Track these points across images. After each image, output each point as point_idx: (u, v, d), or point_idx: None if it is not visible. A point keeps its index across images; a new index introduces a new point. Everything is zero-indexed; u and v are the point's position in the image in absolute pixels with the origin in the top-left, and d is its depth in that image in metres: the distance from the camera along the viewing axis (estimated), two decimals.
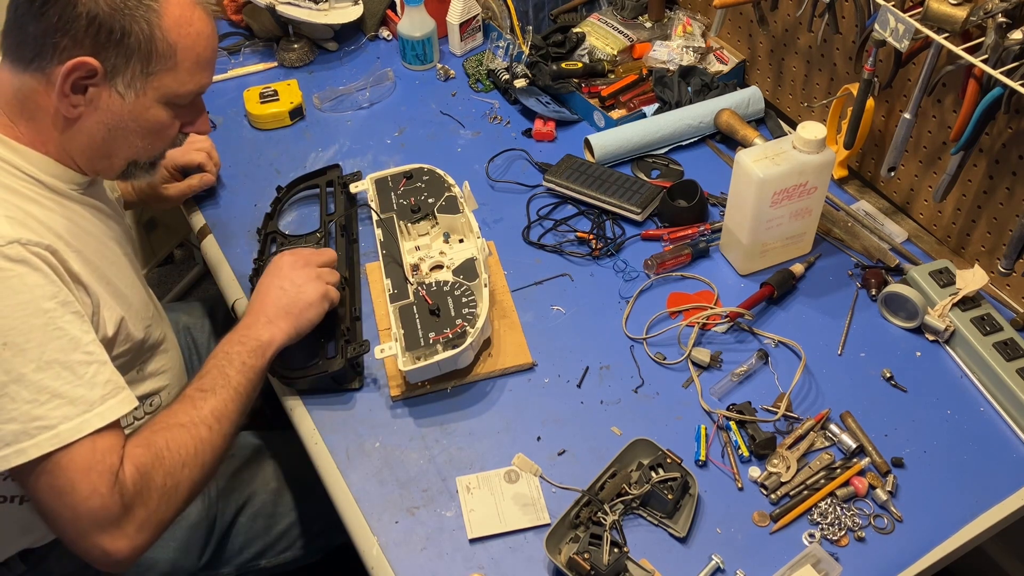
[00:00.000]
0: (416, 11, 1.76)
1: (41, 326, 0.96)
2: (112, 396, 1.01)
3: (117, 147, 1.10)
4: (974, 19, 1.10)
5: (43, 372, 0.96)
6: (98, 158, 1.11)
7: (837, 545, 1.08)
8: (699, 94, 1.66)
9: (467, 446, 1.20)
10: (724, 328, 1.32)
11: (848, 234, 1.44)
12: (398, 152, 1.65)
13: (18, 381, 0.95)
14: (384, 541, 1.10)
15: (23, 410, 0.95)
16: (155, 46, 1.03)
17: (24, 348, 0.95)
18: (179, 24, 1.04)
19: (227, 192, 1.58)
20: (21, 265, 0.96)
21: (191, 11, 1.05)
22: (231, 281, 1.43)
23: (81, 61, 0.99)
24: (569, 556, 1.03)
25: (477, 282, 1.30)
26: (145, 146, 1.12)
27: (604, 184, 1.50)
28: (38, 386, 0.96)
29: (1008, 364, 1.21)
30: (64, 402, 0.97)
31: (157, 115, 1.08)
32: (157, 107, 1.08)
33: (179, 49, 1.04)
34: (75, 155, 1.09)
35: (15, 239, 0.97)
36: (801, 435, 1.18)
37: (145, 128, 1.09)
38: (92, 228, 1.14)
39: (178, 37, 1.04)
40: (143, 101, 1.06)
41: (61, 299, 0.99)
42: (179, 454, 1.05)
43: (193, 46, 1.06)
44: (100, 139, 1.08)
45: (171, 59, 1.04)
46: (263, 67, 1.84)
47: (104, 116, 1.06)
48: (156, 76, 1.05)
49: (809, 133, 1.25)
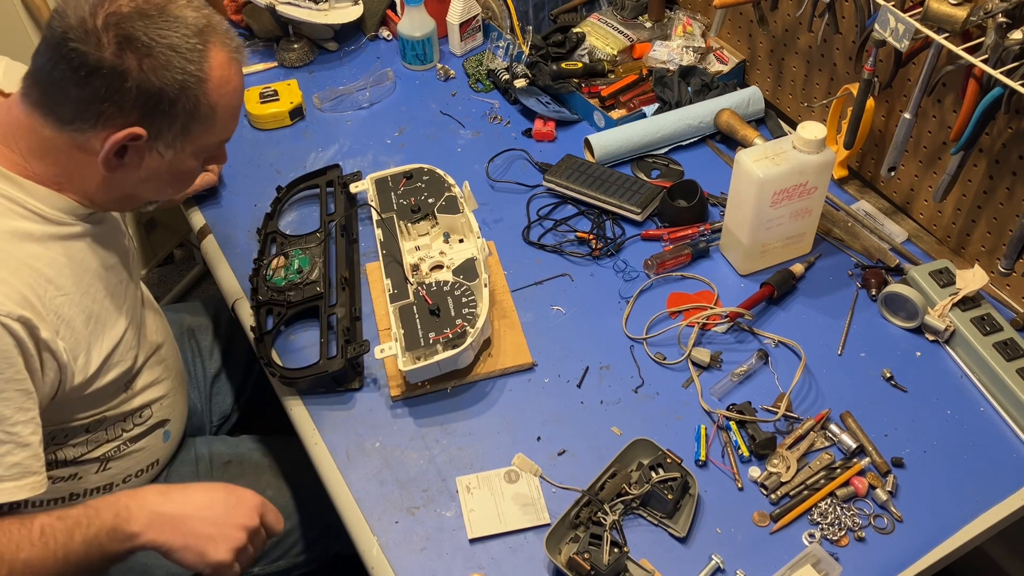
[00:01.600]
0: (416, 11, 1.76)
1: None
2: (12, 480, 0.99)
3: (147, 194, 1.13)
4: (974, 19, 1.10)
5: None
6: (121, 201, 1.13)
7: (837, 545, 1.08)
8: (699, 94, 1.66)
9: (467, 446, 1.20)
10: (724, 328, 1.32)
11: (848, 234, 1.44)
12: (398, 152, 1.65)
13: None
14: (384, 541, 1.10)
15: None
16: (199, 111, 1.04)
17: None
18: (220, 85, 1.04)
19: (227, 192, 1.58)
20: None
21: (229, 69, 1.06)
22: (231, 281, 1.43)
23: (128, 132, 1.00)
24: (569, 556, 1.03)
25: (477, 282, 1.30)
26: (174, 190, 1.16)
27: (604, 184, 1.50)
28: None
29: (1008, 364, 1.21)
30: None
31: (189, 164, 1.10)
32: (190, 158, 1.09)
33: (219, 108, 1.05)
34: (95, 198, 1.09)
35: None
36: (801, 435, 1.18)
37: (177, 177, 1.12)
38: (90, 261, 1.12)
39: (219, 98, 1.05)
40: (180, 156, 1.07)
41: (8, 376, 0.97)
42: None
43: (231, 103, 1.07)
44: (132, 189, 1.10)
45: (211, 119, 1.06)
46: (263, 67, 1.84)
47: (139, 172, 1.06)
48: (196, 135, 1.06)
49: (809, 133, 1.25)
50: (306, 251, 1.40)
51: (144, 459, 1.30)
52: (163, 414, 1.30)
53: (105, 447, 1.22)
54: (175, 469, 1.39)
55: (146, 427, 1.27)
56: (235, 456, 1.43)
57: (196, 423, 1.54)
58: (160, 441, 1.32)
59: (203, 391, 1.57)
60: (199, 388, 1.57)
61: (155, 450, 1.31)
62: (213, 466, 1.40)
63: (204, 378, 1.58)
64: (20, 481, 1.00)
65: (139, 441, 1.27)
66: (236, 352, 1.63)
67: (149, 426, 1.28)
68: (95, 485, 1.24)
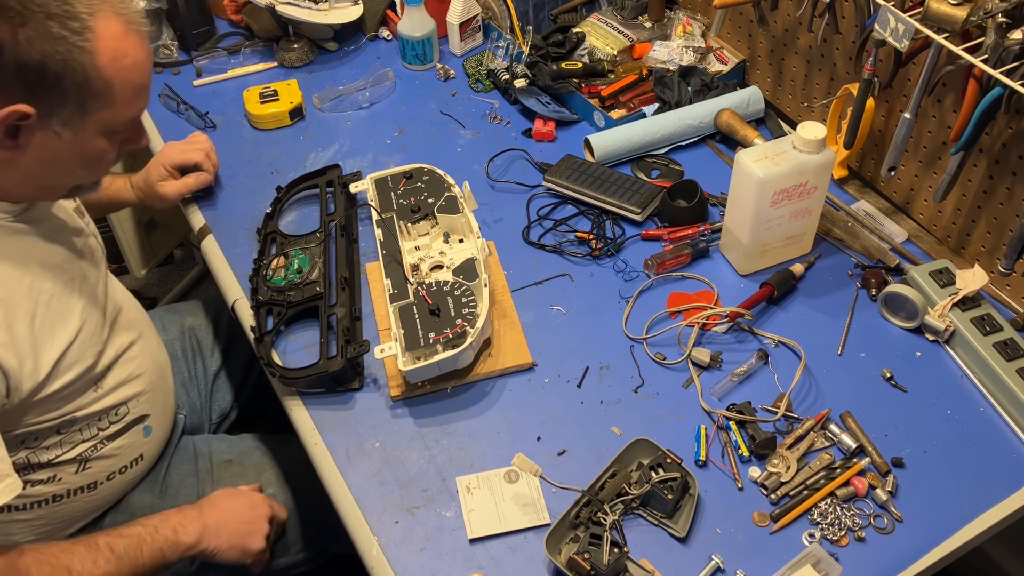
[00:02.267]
0: (416, 11, 1.76)
1: None
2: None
3: (57, 178, 1.08)
4: (974, 19, 1.10)
5: None
6: (36, 189, 1.09)
7: (837, 545, 1.08)
8: (699, 94, 1.66)
9: (467, 446, 1.20)
10: (724, 328, 1.32)
11: (848, 234, 1.44)
12: (398, 152, 1.65)
13: None
14: (384, 541, 1.10)
15: None
16: (90, 85, 0.98)
17: None
18: (114, 59, 0.98)
19: (227, 192, 1.58)
20: None
21: (125, 42, 0.99)
22: (231, 281, 1.42)
23: (12, 110, 0.95)
24: (569, 556, 1.03)
25: (477, 282, 1.30)
26: (87, 173, 1.10)
27: (604, 184, 1.50)
28: None
29: (1008, 364, 1.21)
30: None
31: (97, 145, 1.05)
32: (96, 138, 1.04)
33: (115, 84, 0.99)
34: (10, 189, 1.06)
35: None
36: (801, 435, 1.18)
37: (85, 159, 1.06)
38: (28, 259, 1.10)
39: (113, 72, 0.98)
40: (82, 136, 1.02)
41: None
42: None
43: (130, 78, 1.01)
44: (38, 174, 1.05)
45: (108, 95, 1.00)
46: (263, 67, 1.84)
47: (41, 154, 1.02)
48: (94, 112, 1.00)
49: (809, 133, 1.25)
50: (306, 251, 1.40)
51: (126, 456, 1.28)
52: (141, 410, 1.29)
53: (81, 447, 1.20)
54: (175, 467, 1.38)
55: (123, 424, 1.26)
56: (235, 455, 1.43)
57: (195, 421, 1.54)
58: (140, 437, 1.30)
59: (203, 390, 1.57)
60: (199, 387, 1.56)
61: (136, 446, 1.30)
62: (213, 464, 1.40)
63: (204, 377, 1.58)
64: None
65: (117, 439, 1.26)
66: (236, 351, 1.63)
67: (127, 423, 1.26)
68: (77, 485, 1.23)
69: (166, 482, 1.36)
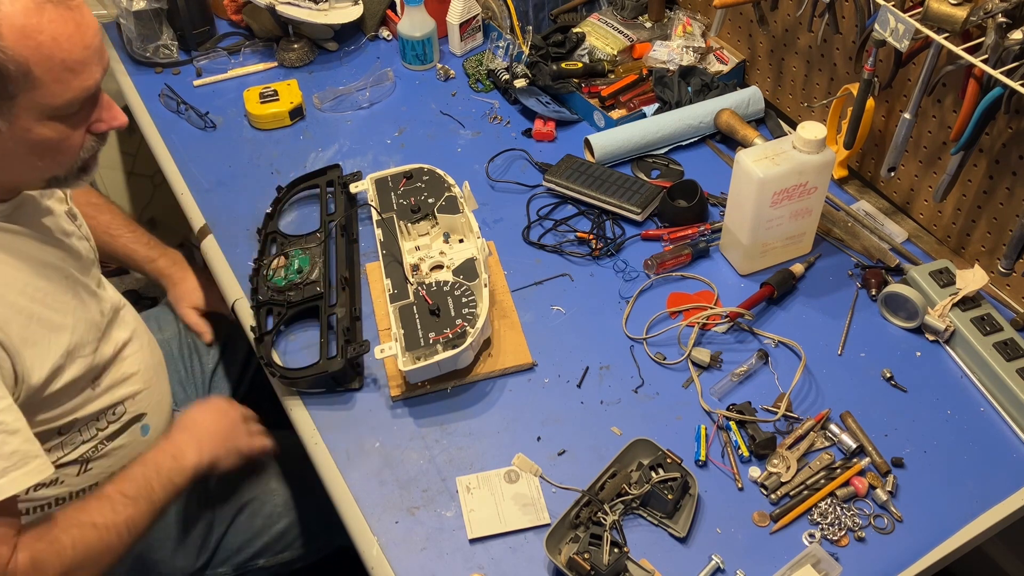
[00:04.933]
0: (416, 11, 1.76)
1: None
2: (16, 468, 0.99)
3: (18, 172, 1.03)
4: (974, 19, 1.10)
5: None
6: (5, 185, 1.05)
7: (837, 545, 1.08)
8: (699, 94, 1.66)
9: (467, 446, 1.20)
10: (724, 328, 1.32)
11: (848, 234, 1.44)
12: (398, 152, 1.65)
13: None
14: (384, 541, 1.10)
15: None
16: (3, 69, 0.90)
17: None
18: (25, 36, 0.90)
19: (227, 192, 1.58)
20: None
21: (38, 16, 0.91)
22: (231, 281, 1.42)
23: None
24: (569, 556, 1.03)
25: (477, 282, 1.30)
26: (49, 164, 1.03)
27: (604, 184, 1.50)
28: None
29: (1008, 364, 1.21)
30: None
31: (44, 133, 0.97)
32: (41, 126, 0.97)
33: (33, 64, 0.91)
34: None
35: None
36: (801, 435, 1.18)
37: (37, 149, 0.99)
38: (16, 260, 1.08)
39: (28, 51, 0.91)
40: (20, 124, 0.95)
41: None
42: (83, 555, 1.05)
43: (52, 55, 0.92)
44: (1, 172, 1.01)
45: (28, 77, 0.92)
46: (263, 67, 1.84)
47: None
48: (19, 98, 0.93)
49: (809, 133, 1.25)
50: (306, 251, 1.40)
51: (125, 455, 1.28)
52: (138, 409, 1.29)
53: (82, 448, 1.21)
54: None
55: (121, 423, 1.26)
56: None
57: None
58: (139, 436, 1.30)
59: (200, 387, 1.57)
60: (195, 384, 1.57)
61: (135, 445, 1.30)
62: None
63: (201, 374, 1.58)
64: (25, 467, 1.00)
65: (116, 439, 1.26)
66: (233, 348, 1.63)
67: (124, 422, 1.26)
68: (79, 487, 1.23)
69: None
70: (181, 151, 1.65)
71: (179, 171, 1.62)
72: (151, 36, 1.81)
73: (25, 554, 1.00)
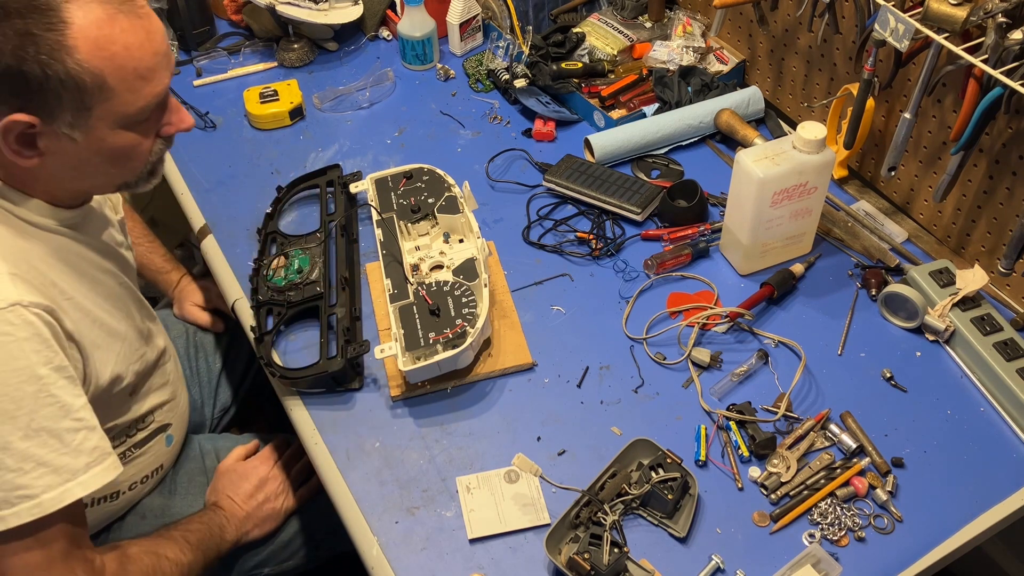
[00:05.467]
0: (416, 11, 1.76)
1: (33, 393, 0.94)
2: (97, 463, 1.00)
3: (91, 179, 1.05)
4: (974, 19, 1.10)
5: (30, 440, 0.94)
6: (77, 191, 1.07)
7: (837, 545, 1.08)
8: (699, 94, 1.66)
9: (467, 446, 1.20)
10: (724, 328, 1.32)
11: (848, 234, 1.44)
12: (398, 152, 1.65)
13: (4, 449, 0.93)
14: (384, 541, 1.10)
15: (6, 479, 0.93)
16: (79, 81, 0.91)
17: (14, 416, 0.93)
18: (99, 48, 0.91)
19: (227, 192, 1.58)
20: (21, 329, 0.94)
21: (110, 27, 0.91)
22: (231, 281, 1.42)
23: (11, 121, 0.91)
24: (569, 556, 1.03)
25: (477, 282, 1.30)
26: (121, 171, 1.04)
27: (604, 184, 1.50)
28: (24, 454, 0.94)
29: (1008, 364, 1.21)
30: (48, 471, 0.95)
31: (118, 141, 0.99)
32: (115, 134, 0.98)
33: (108, 75, 0.92)
34: (54, 193, 1.04)
35: (16, 301, 0.94)
36: (801, 435, 1.18)
37: (111, 156, 1.00)
38: (84, 265, 1.10)
39: (102, 62, 0.91)
40: (96, 134, 0.96)
41: (56, 364, 0.97)
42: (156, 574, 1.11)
43: (125, 64, 0.93)
44: (69, 177, 1.02)
45: (103, 88, 0.93)
46: (263, 67, 1.84)
47: (62, 159, 0.98)
48: (95, 109, 0.94)
49: (809, 133, 1.25)
50: (306, 251, 1.40)
51: (148, 464, 1.30)
52: (165, 419, 1.31)
53: None
54: (182, 467, 1.39)
55: (148, 432, 1.28)
56: None
57: (197, 420, 1.54)
58: (163, 446, 1.32)
59: (205, 388, 1.57)
60: (200, 385, 1.57)
61: (159, 455, 1.32)
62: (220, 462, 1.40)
63: (208, 375, 1.58)
64: (104, 463, 1.02)
65: (143, 447, 1.27)
66: (237, 349, 1.63)
67: (151, 431, 1.28)
68: (102, 494, 1.24)
69: (175, 482, 1.37)
70: (181, 151, 1.65)
71: (179, 171, 1.62)
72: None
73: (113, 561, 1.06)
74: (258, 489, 1.33)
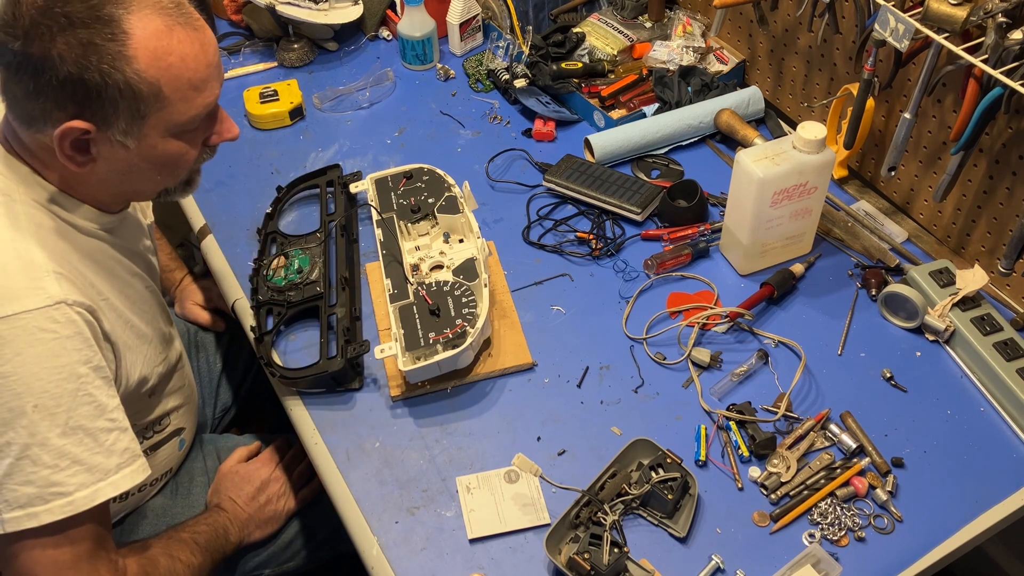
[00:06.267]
0: (416, 11, 1.76)
1: (72, 391, 0.95)
2: (128, 465, 1.01)
3: (137, 185, 1.07)
4: (974, 19, 1.10)
5: (67, 438, 0.95)
6: (121, 196, 1.10)
7: (837, 545, 1.08)
8: (699, 94, 1.66)
9: (467, 446, 1.20)
10: (724, 328, 1.32)
11: (848, 234, 1.44)
12: (398, 152, 1.65)
13: (42, 445, 0.94)
14: (384, 541, 1.10)
15: (42, 475, 0.94)
16: (136, 90, 0.93)
17: (54, 412, 0.94)
18: (156, 58, 0.93)
19: (227, 192, 1.58)
20: (65, 327, 0.95)
21: (168, 38, 0.94)
22: (231, 281, 1.42)
23: (69, 127, 0.93)
24: (569, 556, 1.03)
25: (477, 282, 1.30)
26: (165, 178, 1.08)
27: (604, 184, 1.50)
28: (60, 451, 0.95)
29: (1008, 364, 1.21)
30: (82, 469, 0.96)
31: (168, 148, 1.01)
32: (165, 142, 1.00)
33: (164, 84, 0.95)
34: (99, 197, 1.07)
35: (61, 299, 0.95)
36: (801, 435, 1.18)
37: (159, 164, 1.03)
38: (118, 268, 1.12)
39: (159, 72, 0.94)
40: (148, 142, 0.99)
41: (95, 364, 0.98)
42: None
43: (180, 75, 0.96)
44: (117, 182, 1.04)
45: (159, 97, 0.95)
46: (263, 67, 1.84)
47: (113, 164, 1.00)
48: (150, 117, 0.97)
49: (809, 133, 1.25)
50: (306, 251, 1.40)
51: (160, 468, 1.31)
52: (179, 423, 1.32)
53: None
54: (185, 467, 1.40)
55: (165, 435, 1.29)
56: None
57: (200, 420, 1.54)
58: (176, 449, 1.33)
59: (207, 388, 1.58)
60: (202, 385, 1.57)
61: (171, 459, 1.33)
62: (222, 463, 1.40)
63: (208, 375, 1.58)
64: (133, 465, 1.03)
65: (157, 450, 1.28)
66: (237, 349, 1.63)
67: (168, 434, 1.29)
68: None
69: (177, 482, 1.37)
70: None
71: None
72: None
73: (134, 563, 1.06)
74: (260, 491, 1.33)
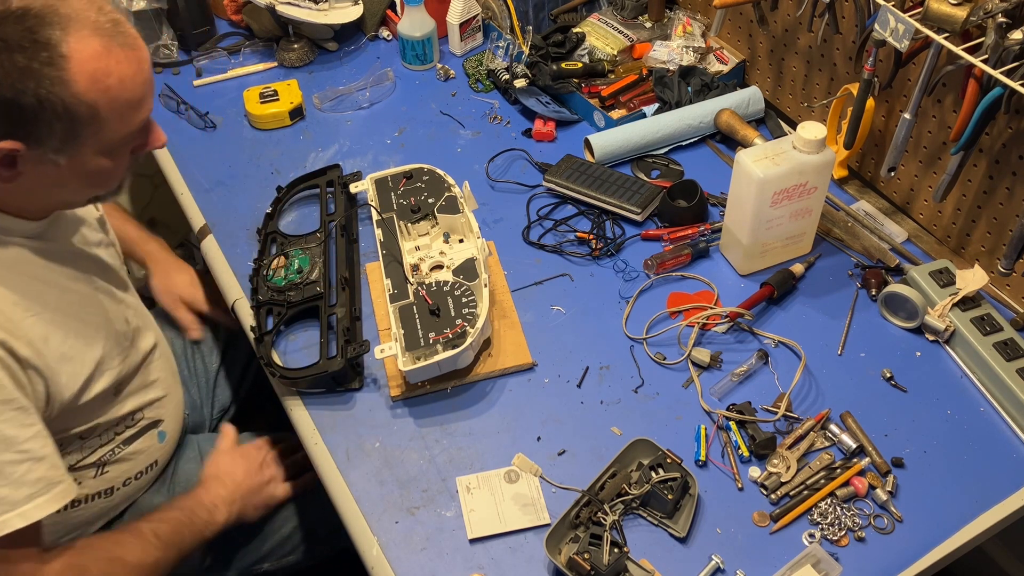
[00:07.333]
0: (416, 11, 1.76)
1: None
2: (41, 494, 1.00)
3: (65, 197, 1.06)
4: (974, 19, 1.10)
5: None
6: (48, 206, 1.08)
7: (837, 545, 1.08)
8: (699, 94, 1.66)
9: (467, 446, 1.20)
10: (724, 328, 1.32)
11: (848, 234, 1.44)
12: (398, 152, 1.65)
13: None
14: (384, 541, 1.10)
15: None
16: (74, 112, 0.92)
17: None
18: (95, 81, 0.92)
19: (227, 192, 1.58)
20: None
21: (106, 60, 0.92)
22: (231, 281, 1.42)
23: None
24: (569, 556, 1.03)
25: (477, 282, 1.30)
26: (96, 189, 1.06)
27: (604, 184, 1.50)
28: None
29: (1008, 364, 1.21)
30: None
31: (98, 164, 1.00)
32: (96, 158, 0.99)
33: (101, 106, 0.93)
34: (23, 206, 1.04)
35: None
36: (801, 435, 1.18)
37: (90, 178, 1.02)
38: (51, 275, 1.10)
39: (97, 95, 0.93)
40: (79, 159, 0.98)
41: (3, 397, 0.97)
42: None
43: (118, 96, 0.95)
44: (43, 195, 1.03)
45: (95, 119, 0.94)
46: (263, 67, 1.84)
47: (41, 179, 0.98)
48: (85, 137, 0.95)
49: (809, 133, 1.25)
50: (306, 251, 1.40)
51: (142, 461, 1.30)
52: (155, 415, 1.30)
53: (99, 452, 1.22)
54: (181, 467, 1.39)
55: (137, 429, 1.27)
56: None
57: (197, 419, 1.54)
58: (155, 442, 1.32)
59: (204, 388, 1.57)
60: (199, 384, 1.57)
61: (152, 452, 1.32)
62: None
63: (205, 374, 1.58)
64: (49, 493, 1.02)
65: (133, 443, 1.27)
66: (236, 349, 1.63)
67: (140, 428, 1.28)
68: (96, 490, 1.24)
69: (174, 482, 1.37)
70: (181, 151, 1.65)
71: (179, 171, 1.62)
72: (151, 36, 1.81)
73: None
74: (258, 470, 1.33)
